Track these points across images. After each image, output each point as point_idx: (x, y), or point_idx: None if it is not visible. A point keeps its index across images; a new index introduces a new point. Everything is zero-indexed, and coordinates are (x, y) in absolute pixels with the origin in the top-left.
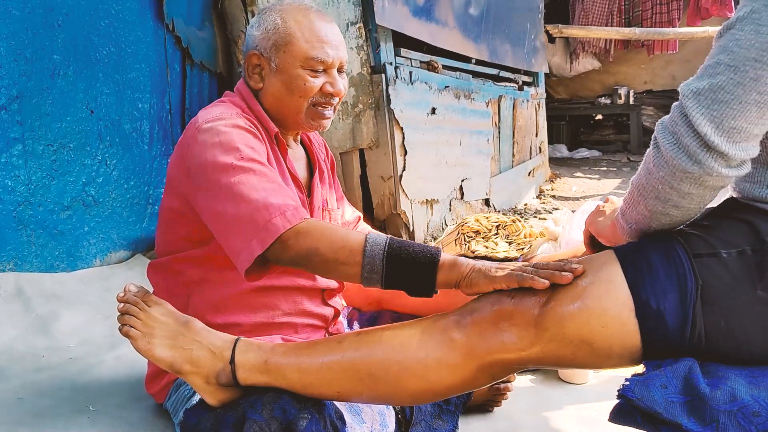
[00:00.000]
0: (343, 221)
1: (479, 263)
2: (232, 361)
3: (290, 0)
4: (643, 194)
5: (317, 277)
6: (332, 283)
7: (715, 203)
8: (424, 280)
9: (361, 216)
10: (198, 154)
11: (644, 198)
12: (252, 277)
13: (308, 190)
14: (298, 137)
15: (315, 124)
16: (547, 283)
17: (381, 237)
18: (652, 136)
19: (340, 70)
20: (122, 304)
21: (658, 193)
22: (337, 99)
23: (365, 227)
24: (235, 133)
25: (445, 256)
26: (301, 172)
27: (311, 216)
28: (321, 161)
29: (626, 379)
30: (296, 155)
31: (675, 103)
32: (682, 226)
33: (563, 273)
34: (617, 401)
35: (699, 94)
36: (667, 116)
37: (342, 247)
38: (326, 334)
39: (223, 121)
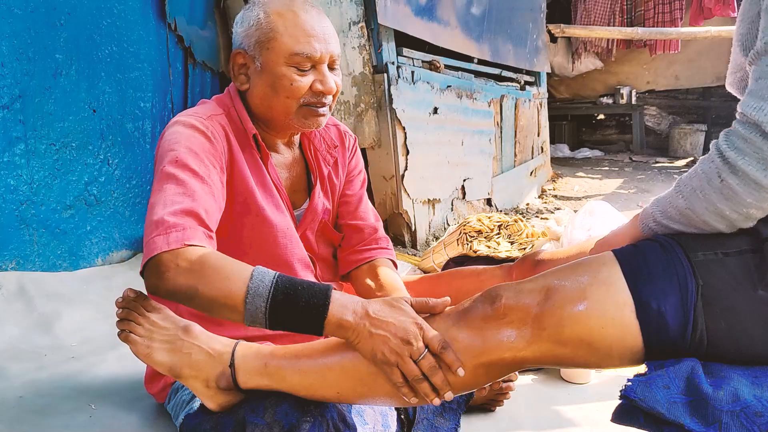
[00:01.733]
0: (359, 223)
1: (374, 332)
2: (231, 365)
3: None
4: (720, 214)
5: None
6: None
7: None
8: (312, 331)
9: (385, 246)
10: (157, 150)
11: (720, 218)
12: None
13: (306, 198)
14: (294, 141)
15: (308, 123)
16: (437, 402)
17: (265, 282)
18: (721, 165)
19: (331, 66)
20: (121, 310)
21: (738, 214)
22: (330, 97)
23: (386, 262)
24: (186, 134)
25: (334, 312)
26: (291, 178)
27: (302, 224)
28: (326, 168)
29: (628, 380)
30: (286, 161)
31: (753, 133)
32: None
33: (458, 370)
34: (620, 401)
35: None
36: (734, 145)
37: (224, 286)
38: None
39: (186, 119)
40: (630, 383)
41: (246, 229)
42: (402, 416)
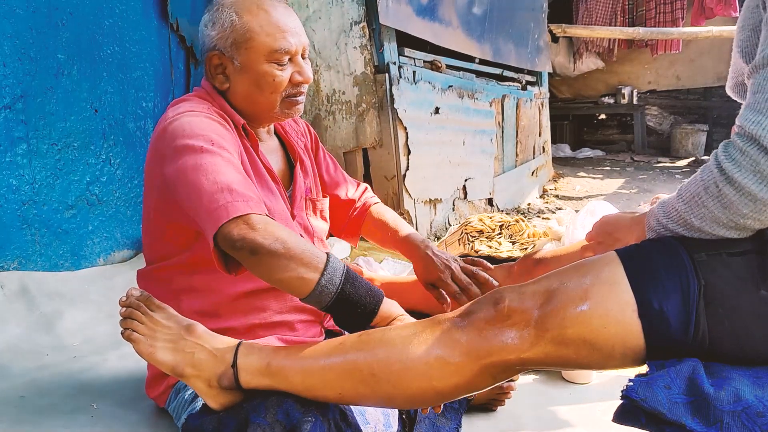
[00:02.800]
0: (347, 198)
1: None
2: (234, 365)
3: None
4: (717, 222)
5: None
6: None
7: None
8: (368, 311)
9: (367, 187)
10: (171, 142)
11: (718, 226)
12: (232, 270)
13: (290, 181)
14: (272, 129)
15: (290, 112)
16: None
17: (338, 259)
18: (718, 175)
19: (303, 56)
20: (125, 309)
21: (735, 224)
22: (306, 86)
23: (375, 200)
24: (206, 123)
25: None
26: (277, 164)
27: (291, 204)
28: (301, 152)
29: (630, 380)
30: (270, 147)
31: (750, 145)
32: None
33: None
34: (621, 402)
35: None
36: (732, 157)
37: (309, 249)
38: (322, 329)
39: (194, 112)
40: (631, 383)
41: None
42: (404, 416)
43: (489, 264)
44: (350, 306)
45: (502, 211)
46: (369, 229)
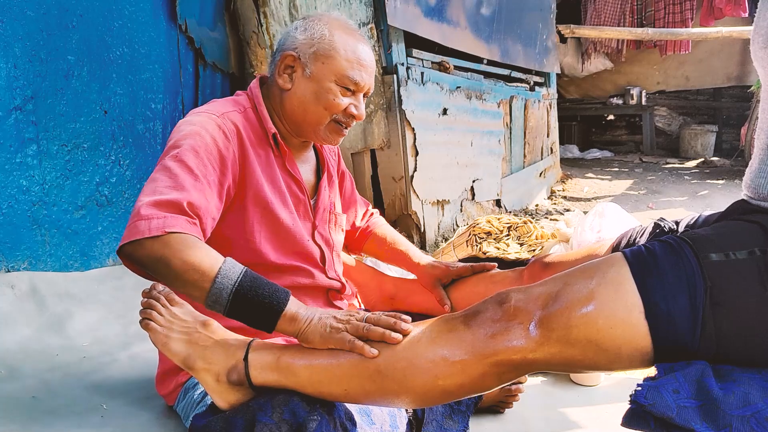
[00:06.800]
0: (353, 228)
1: (323, 316)
2: (245, 358)
3: (336, 15)
4: None
5: (316, 274)
6: (335, 283)
7: (723, 206)
8: (264, 324)
9: (374, 212)
10: (169, 140)
11: None
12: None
13: (314, 192)
14: (310, 142)
15: (331, 138)
16: (375, 352)
17: (236, 269)
18: None
19: (365, 96)
20: (146, 299)
21: None
22: (355, 122)
23: (379, 220)
24: (193, 132)
25: (291, 307)
26: (308, 174)
27: (314, 215)
28: (330, 166)
29: (638, 385)
30: (304, 157)
31: None
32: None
33: (393, 334)
34: (630, 406)
35: None
36: None
37: (193, 269)
38: None
39: (199, 117)
40: (640, 388)
41: (256, 223)
42: (411, 418)
43: (494, 264)
44: (245, 319)
45: (510, 212)
46: (370, 247)
